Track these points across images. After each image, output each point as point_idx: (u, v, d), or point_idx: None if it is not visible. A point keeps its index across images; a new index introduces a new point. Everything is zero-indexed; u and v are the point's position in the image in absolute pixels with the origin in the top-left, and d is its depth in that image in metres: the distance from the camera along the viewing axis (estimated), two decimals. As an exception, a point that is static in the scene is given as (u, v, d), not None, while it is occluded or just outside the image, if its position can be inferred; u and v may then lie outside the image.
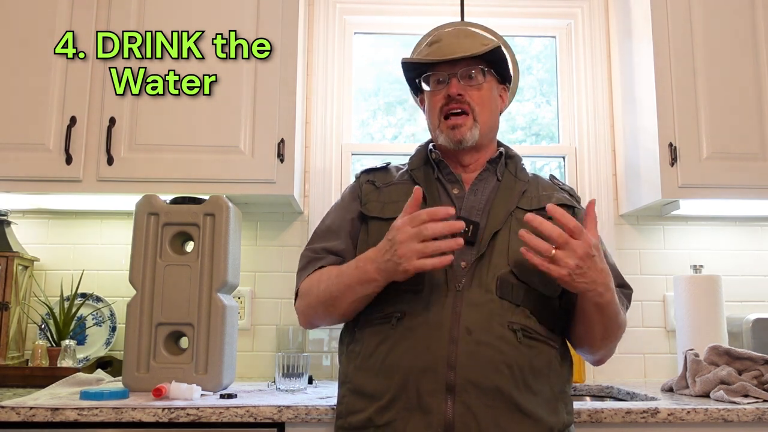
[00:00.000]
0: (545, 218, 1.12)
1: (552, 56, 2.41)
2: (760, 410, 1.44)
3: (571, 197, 1.38)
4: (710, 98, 1.91)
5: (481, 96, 1.33)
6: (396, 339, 1.17)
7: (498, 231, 1.25)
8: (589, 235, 1.10)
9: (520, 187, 1.33)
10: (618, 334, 1.26)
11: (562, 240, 1.08)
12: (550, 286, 1.22)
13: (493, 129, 1.38)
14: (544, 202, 1.30)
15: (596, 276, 1.11)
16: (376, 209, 1.32)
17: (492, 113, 1.36)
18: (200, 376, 1.62)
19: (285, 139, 1.85)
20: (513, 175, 1.35)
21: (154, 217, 1.71)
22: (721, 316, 1.90)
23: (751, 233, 2.22)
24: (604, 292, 1.14)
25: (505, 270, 1.21)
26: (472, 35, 1.38)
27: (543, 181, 1.40)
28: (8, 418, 1.36)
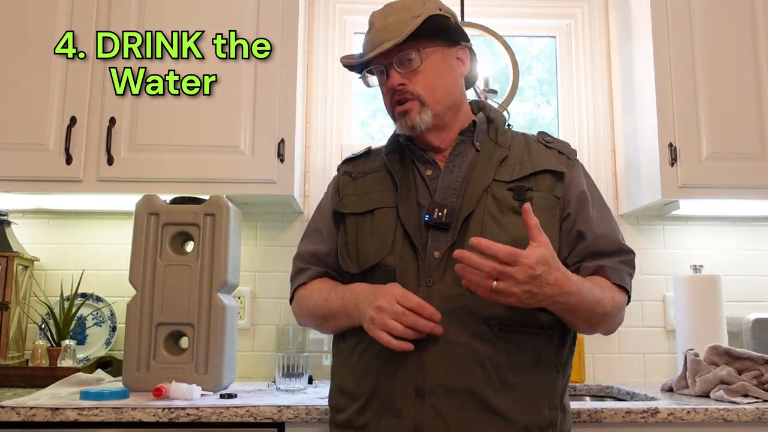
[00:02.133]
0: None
1: (552, 56, 2.41)
2: (760, 410, 1.44)
3: (561, 155, 1.27)
4: (710, 98, 1.91)
5: (426, 77, 1.23)
6: (369, 339, 1.13)
7: (471, 213, 1.17)
8: (531, 253, 1.01)
9: (500, 155, 1.23)
10: (608, 318, 1.17)
11: (497, 272, 1.00)
12: None
13: (454, 103, 1.27)
14: (528, 169, 1.22)
15: (551, 291, 1.03)
16: (351, 203, 1.29)
17: (446, 89, 1.26)
18: (200, 376, 1.62)
19: (285, 139, 1.85)
20: (494, 141, 1.26)
21: (154, 217, 1.71)
22: (720, 316, 1.90)
23: (751, 233, 2.22)
24: (566, 301, 1.07)
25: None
26: (401, 9, 1.24)
27: (531, 141, 1.29)
28: (8, 418, 1.37)
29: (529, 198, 1.18)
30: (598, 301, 1.11)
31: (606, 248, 1.21)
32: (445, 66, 1.26)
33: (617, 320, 1.21)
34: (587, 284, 1.11)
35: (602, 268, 1.19)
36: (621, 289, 1.20)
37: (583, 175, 1.28)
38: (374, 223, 1.23)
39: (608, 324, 1.20)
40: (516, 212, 1.16)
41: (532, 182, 1.21)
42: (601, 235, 1.21)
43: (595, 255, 1.21)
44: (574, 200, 1.23)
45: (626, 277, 1.21)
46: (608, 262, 1.20)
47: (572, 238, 1.21)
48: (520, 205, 1.14)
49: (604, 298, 1.13)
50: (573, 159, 1.28)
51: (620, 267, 1.21)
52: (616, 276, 1.19)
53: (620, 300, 1.19)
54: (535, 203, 1.17)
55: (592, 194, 1.26)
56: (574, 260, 1.21)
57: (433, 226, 1.18)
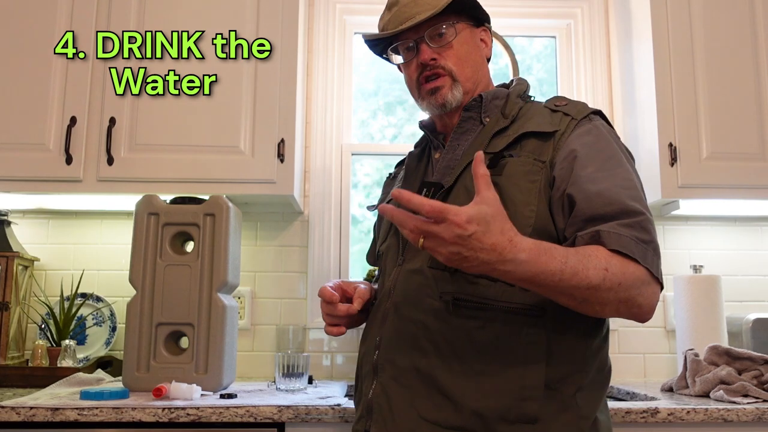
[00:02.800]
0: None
1: (552, 56, 2.41)
2: (760, 410, 1.44)
3: (566, 116, 1.11)
4: (710, 98, 1.91)
5: (458, 53, 1.20)
6: (365, 328, 1.22)
7: (451, 189, 1.11)
8: (463, 210, 0.84)
9: (499, 126, 1.15)
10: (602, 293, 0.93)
11: (422, 229, 0.85)
12: None
13: (482, 82, 1.25)
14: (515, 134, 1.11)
15: (487, 256, 0.86)
16: (379, 202, 1.39)
17: (475, 65, 1.23)
18: (200, 376, 1.62)
19: (285, 139, 1.85)
20: (502, 114, 1.18)
21: (154, 217, 1.71)
22: (720, 316, 1.90)
23: (751, 233, 2.22)
24: (513, 270, 0.88)
25: None
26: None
27: (540, 108, 1.17)
28: (8, 418, 1.37)
29: (503, 165, 1.07)
30: (572, 272, 0.90)
31: (603, 210, 0.99)
32: (473, 44, 1.24)
33: (625, 296, 0.95)
34: (556, 251, 0.91)
35: (597, 234, 0.97)
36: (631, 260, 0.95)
37: (587, 132, 1.09)
38: (384, 218, 1.28)
39: (607, 304, 0.95)
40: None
41: (517, 149, 1.09)
42: (594, 194, 1.00)
43: (592, 220, 0.99)
44: (560, 161, 1.06)
45: (630, 243, 0.96)
46: (605, 227, 0.97)
47: (564, 206, 1.04)
48: (492, 174, 0.99)
49: (585, 268, 0.91)
50: (579, 118, 1.11)
51: (621, 230, 0.97)
52: (613, 241, 0.96)
53: (629, 273, 0.94)
54: (508, 170, 1.06)
55: (593, 150, 1.06)
56: (571, 231, 1.02)
57: None
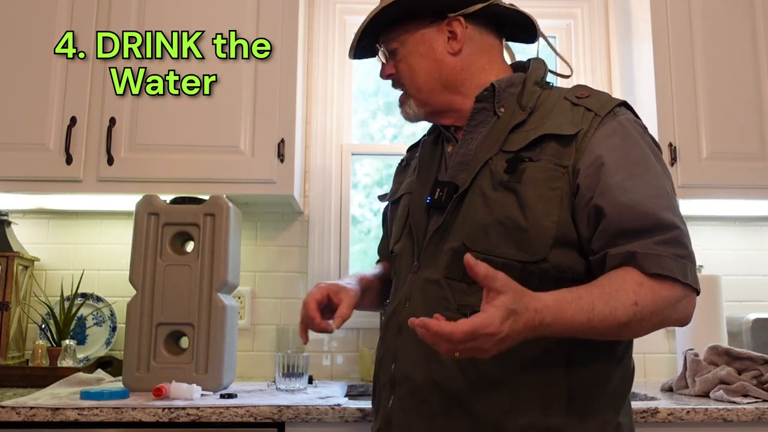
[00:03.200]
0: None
1: (552, 56, 2.40)
2: (760, 410, 1.44)
3: (588, 112, 1.04)
4: (710, 98, 1.91)
5: (406, 65, 1.16)
6: (380, 335, 1.19)
7: (466, 191, 1.05)
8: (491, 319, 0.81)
9: (516, 119, 1.07)
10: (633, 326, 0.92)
11: (458, 349, 0.83)
12: (525, 248, 0.98)
13: (446, 84, 1.15)
14: (532, 135, 1.04)
15: (524, 335, 0.86)
16: (392, 192, 1.31)
17: (427, 75, 1.15)
18: (200, 376, 1.62)
19: (285, 139, 1.85)
20: (518, 104, 1.10)
21: (154, 217, 1.71)
22: (720, 316, 1.90)
23: (751, 233, 2.22)
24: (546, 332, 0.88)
25: (458, 242, 1.02)
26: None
27: (561, 100, 1.08)
28: (8, 418, 1.36)
29: (522, 169, 1.01)
30: (600, 317, 0.89)
31: (635, 223, 0.94)
32: (425, 48, 1.15)
33: (659, 320, 0.94)
34: (581, 301, 0.89)
35: (633, 255, 0.93)
36: (668, 278, 0.93)
37: (613, 133, 1.02)
38: (399, 210, 1.22)
39: (641, 331, 0.95)
40: (506, 188, 1.01)
41: (536, 151, 1.03)
42: (626, 206, 0.95)
43: (624, 235, 0.95)
44: (584, 168, 0.99)
45: (671, 263, 0.92)
46: (641, 246, 0.93)
47: (590, 217, 0.98)
48: (510, 179, 1.00)
49: (614, 309, 0.90)
50: (603, 114, 1.03)
51: (657, 250, 0.93)
52: (653, 263, 0.92)
53: (661, 297, 0.92)
54: (528, 177, 1.01)
55: (622, 155, 0.99)
56: (599, 244, 0.97)
57: (435, 207, 1.08)
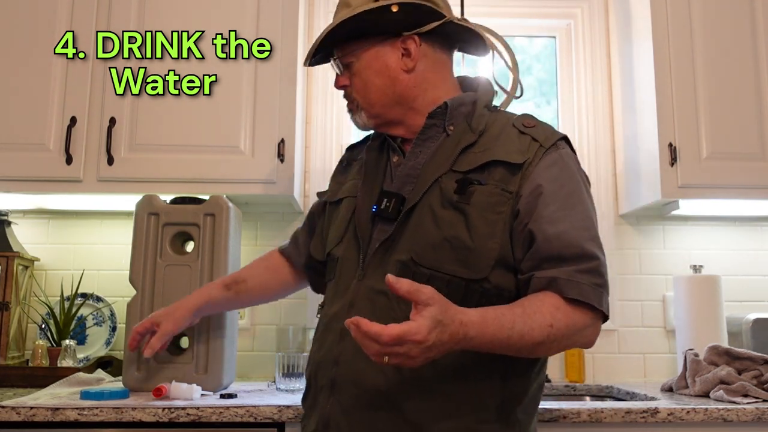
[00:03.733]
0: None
1: (552, 56, 2.41)
2: (760, 410, 1.44)
3: (534, 142, 1.10)
4: (710, 98, 1.91)
5: (359, 79, 1.20)
6: (316, 330, 1.20)
7: (415, 206, 1.09)
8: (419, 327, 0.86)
9: (467, 141, 1.12)
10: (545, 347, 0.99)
11: (385, 353, 0.87)
12: (470, 267, 1.04)
13: (398, 99, 1.18)
14: (482, 159, 1.09)
15: (448, 346, 0.90)
16: (330, 192, 1.31)
17: (381, 91, 1.18)
18: (200, 376, 1.62)
19: (285, 139, 1.85)
20: (468, 125, 1.14)
21: (154, 217, 1.71)
22: (720, 316, 1.90)
23: (751, 233, 2.22)
24: (468, 346, 0.93)
25: (406, 255, 1.06)
26: (342, 5, 1.20)
27: (508, 126, 1.14)
28: (8, 418, 1.37)
29: (470, 192, 1.06)
30: (518, 335, 0.95)
31: (560, 251, 1.02)
32: (380, 65, 1.18)
33: (567, 344, 1.02)
34: (503, 318, 0.95)
35: (555, 281, 1.01)
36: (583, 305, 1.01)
37: (554, 164, 1.09)
38: (339, 212, 1.23)
39: (550, 350, 1.01)
40: (455, 208, 1.06)
41: (485, 174, 1.08)
42: (554, 236, 1.02)
43: (550, 260, 1.03)
44: (525, 195, 1.06)
45: (588, 291, 1.01)
46: (562, 273, 1.01)
47: (525, 240, 1.05)
48: (459, 200, 1.06)
49: (530, 329, 0.96)
50: (547, 146, 1.10)
51: (578, 278, 1.01)
52: (572, 289, 1.00)
53: (573, 323, 1.00)
54: (476, 199, 1.06)
55: (557, 186, 1.07)
56: (528, 266, 1.05)
57: (381, 217, 1.11)
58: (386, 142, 1.23)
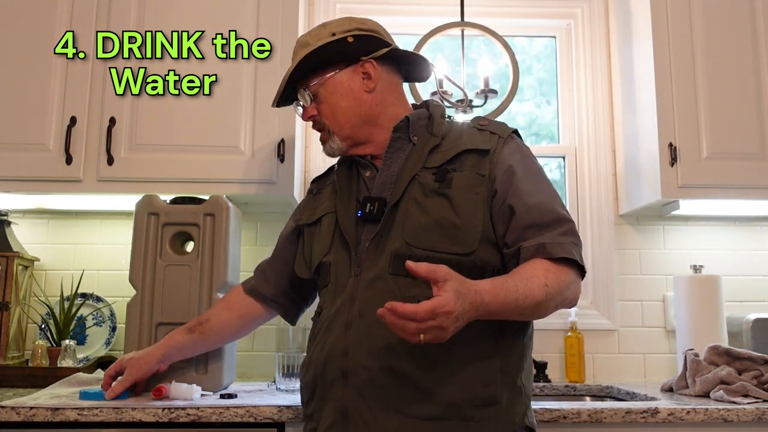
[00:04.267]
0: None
1: (552, 56, 2.41)
2: (760, 410, 1.44)
3: (493, 135, 1.26)
4: (710, 98, 1.92)
5: (327, 106, 1.31)
6: (314, 335, 1.27)
7: (398, 203, 1.21)
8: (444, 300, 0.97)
9: (431, 144, 1.27)
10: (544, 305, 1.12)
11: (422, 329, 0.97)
12: (459, 242, 1.16)
13: (365, 119, 1.31)
14: (453, 152, 1.24)
15: (471, 314, 1.02)
16: (305, 216, 1.39)
17: (348, 111, 1.30)
18: (200, 376, 1.62)
19: (285, 139, 1.85)
20: (429, 132, 1.29)
21: (154, 217, 1.71)
22: (721, 316, 1.90)
23: (751, 233, 2.22)
24: (486, 311, 1.05)
25: (399, 243, 1.18)
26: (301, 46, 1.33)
27: (465, 128, 1.30)
28: (8, 418, 1.36)
29: (450, 179, 1.20)
30: (523, 297, 1.08)
31: (540, 219, 1.17)
32: (344, 89, 1.31)
33: (560, 300, 1.15)
34: (508, 284, 1.08)
35: (543, 246, 1.14)
36: (567, 262, 1.15)
37: (515, 150, 1.25)
38: (320, 229, 1.32)
39: (548, 310, 1.14)
40: (438, 194, 1.19)
41: (456, 164, 1.23)
42: (533, 205, 1.18)
43: (532, 228, 1.17)
44: (500, 175, 1.21)
45: (571, 248, 1.16)
46: (548, 238, 1.15)
47: (505, 215, 1.19)
48: (440, 187, 1.20)
49: (532, 290, 1.09)
50: (505, 137, 1.26)
51: (562, 239, 1.16)
52: (559, 250, 1.14)
53: (562, 280, 1.14)
54: (456, 183, 1.20)
55: (525, 167, 1.23)
56: (512, 237, 1.18)
57: (367, 220, 1.23)
58: (353, 162, 1.34)
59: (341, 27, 1.32)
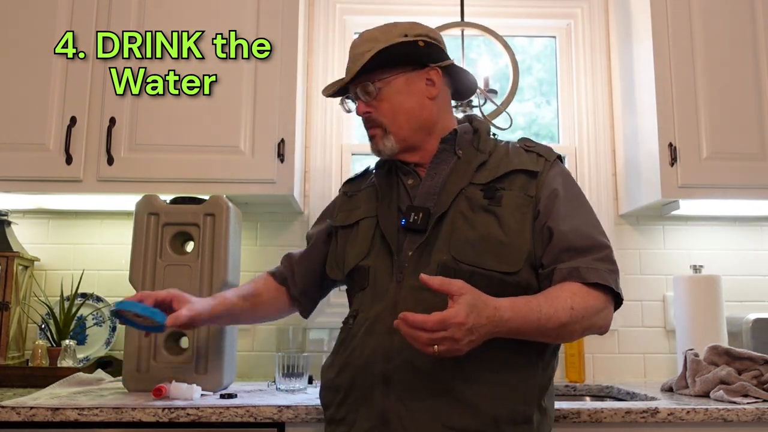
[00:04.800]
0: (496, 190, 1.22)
1: (552, 56, 2.41)
2: (760, 410, 1.44)
3: (539, 158, 1.28)
4: (710, 98, 1.92)
5: (390, 105, 1.30)
6: (351, 337, 1.24)
7: (444, 213, 1.22)
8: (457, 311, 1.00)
9: (479, 160, 1.28)
10: (569, 328, 1.12)
11: (434, 339, 0.99)
12: (505, 261, 1.17)
13: (423, 125, 1.31)
14: (502, 170, 1.25)
15: (488, 329, 1.03)
16: (341, 218, 1.39)
17: (410, 113, 1.30)
18: (200, 376, 1.62)
19: (285, 139, 1.85)
20: (475, 148, 1.31)
21: (154, 217, 1.71)
22: (720, 316, 1.90)
23: (751, 233, 2.22)
24: (506, 328, 1.06)
25: (446, 256, 1.19)
26: (368, 40, 1.31)
27: (511, 147, 1.32)
28: (8, 418, 1.37)
29: (499, 197, 1.22)
30: (546, 317, 1.09)
31: (577, 243, 1.18)
32: (409, 91, 1.30)
33: (588, 325, 1.15)
34: (531, 303, 1.09)
35: (577, 270, 1.16)
36: (600, 288, 1.16)
37: (560, 174, 1.28)
38: (358, 232, 1.32)
39: (573, 334, 1.15)
40: (486, 210, 1.21)
41: (505, 183, 1.25)
42: (571, 230, 1.19)
43: (568, 251, 1.18)
44: (544, 198, 1.23)
45: (606, 275, 1.16)
46: (583, 262, 1.16)
47: (544, 237, 1.20)
48: (489, 204, 1.21)
49: (556, 311, 1.10)
50: (551, 160, 1.29)
51: (597, 265, 1.16)
52: (593, 275, 1.15)
53: (590, 305, 1.14)
54: (506, 202, 1.22)
55: (567, 191, 1.25)
56: (548, 259, 1.19)
57: (410, 229, 1.23)
58: (393, 168, 1.35)
59: (413, 30, 1.32)
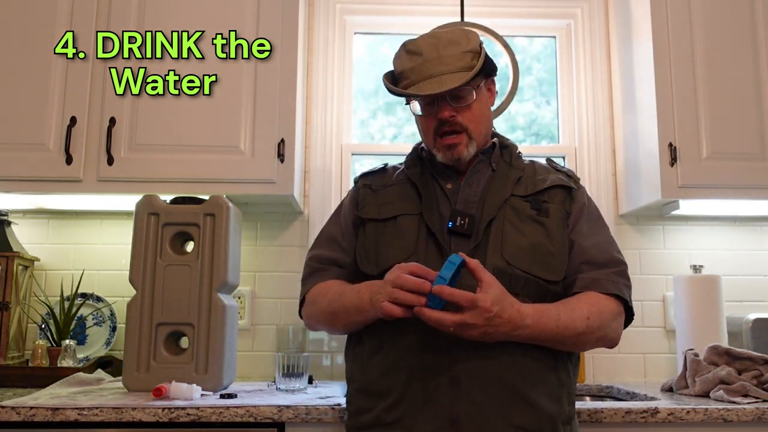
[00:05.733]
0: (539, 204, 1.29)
1: (552, 56, 2.41)
2: (760, 410, 1.44)
3: (569, 178, 1.37)
4: (710, 98, 1.92)
5: (475, 113, 1.30)
6: (397, 337, 1.20)
7: (493, 219, 1.26)
8: (486, 295, 1.08)
9: (515, 175, 1.34)
10: (586, 337, 1.21)
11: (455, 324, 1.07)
12: (552, 270, 1.24)
13: (489, 133, 1.38)
14: (539, 186, 1.32)
15: (506, 328, 1.11)
16: (373, 211, 1.35)
17: (488, 121, 1.36)
18: (200, 376, 1.62)
19: (285, 139, 1.85)
20: (508, 163, 1.36)
21: (154, 217, 1.71)
22: (720, 316, 1.90)
23: (751, 233, 2.22)
24: (523, 334, 1.13)
25: (501, 262, 1.22)
26: (450, 42, 1.28)
27: (539, 165, 1.39)
28: (8, 418, 1.37)
29: (546, 208, 1.29)
30: (564, 326, 1.17)
31: (597, 257, 1.27)
32: (487, 100, 1.36)
33: (600, 335, 1.23)
34: (551, 311, 1.17)
35: (598, 281, 1.25)
36: (616, 298, 1.25)
37: (585, 195, 1.38)
38: (397, 228, 1.29)
39: (587, 343, 1.23)
40: (534, 221, 1.27)
41: (545, 196, 1.31)
42: (591, 245, 1.28)
43: (587, 264, 1.27)
44: (574, 214, 1.32)
45: (623, 288, 1.26)
46: (603, 275, 1.25)
47: (568, 250, 1.29)
48: (538, 215, 1.28)
49: (573, 320, 1.18)
50: (577, 180, 1.39)
51: (616, 279, 1.26)
52: (612, 286, 1.25)
53: (605, 318, 1.22)
54: (552, 214, 1.28)
55: (590, 211, 1.35)
56: (570, 271, 1.27)
57: (455, 233, 1.25)
58: (426, 169, 1.36)
59: (477, 39, 1.32)
